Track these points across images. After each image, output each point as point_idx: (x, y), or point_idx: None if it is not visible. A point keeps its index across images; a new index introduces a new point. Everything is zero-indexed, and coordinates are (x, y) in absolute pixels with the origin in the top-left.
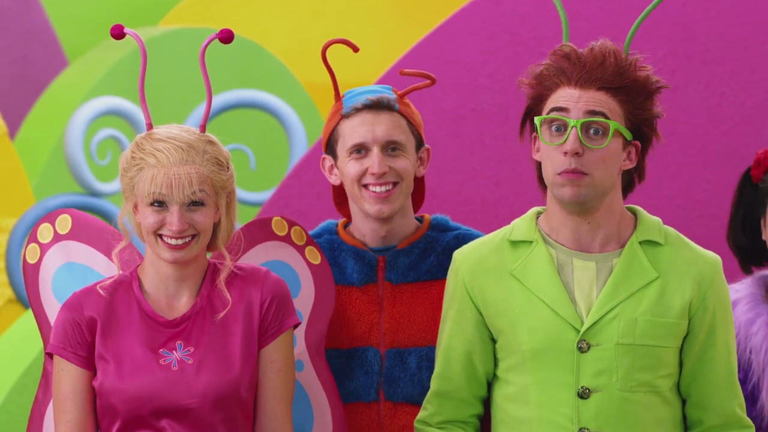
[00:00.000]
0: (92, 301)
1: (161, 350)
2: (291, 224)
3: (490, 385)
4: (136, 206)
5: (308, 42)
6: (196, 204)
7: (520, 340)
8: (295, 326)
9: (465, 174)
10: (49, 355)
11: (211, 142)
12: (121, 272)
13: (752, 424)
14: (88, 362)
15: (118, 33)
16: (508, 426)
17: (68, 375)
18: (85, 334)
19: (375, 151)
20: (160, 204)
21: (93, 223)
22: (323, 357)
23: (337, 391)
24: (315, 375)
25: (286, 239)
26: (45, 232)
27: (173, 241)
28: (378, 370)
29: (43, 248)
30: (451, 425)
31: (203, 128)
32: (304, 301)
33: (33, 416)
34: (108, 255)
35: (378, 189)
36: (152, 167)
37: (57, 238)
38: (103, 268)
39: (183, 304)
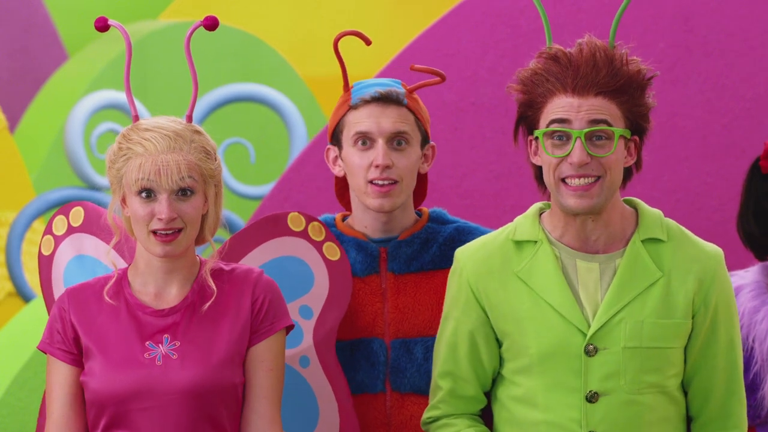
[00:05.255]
0: (81, 298)
1: (147, 342)
2: (309, 219)
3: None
4: (124, 200)
5: (309, 36)
6: (184, 193)
7: (527, 343)
8: (288, 329)
9: (465, 167)
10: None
11: (197, 132)
12: (116, 269)
13: (746, 424)
14: (76, 359)
15: (102, 25)
16: (514, 426)
17: (56, 371)
18: (71, 331)
19: (380, 143)
20: (148, 194)
21: (105, 216)
22: (333, 353)
23: (346, 387)
24: (322, 371)
25: (303, 235)
26: (59, 225)
27: (164, 232)
28: (384, 361)
29: (57, 240)
30: (461, 416)
31: (189, 118)
32: (315, 297)
33: (42, 411)
34: (116, 248)
35: (380, 183)
36: (139, 156)
37: (70, 230)
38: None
39: (172, 296)
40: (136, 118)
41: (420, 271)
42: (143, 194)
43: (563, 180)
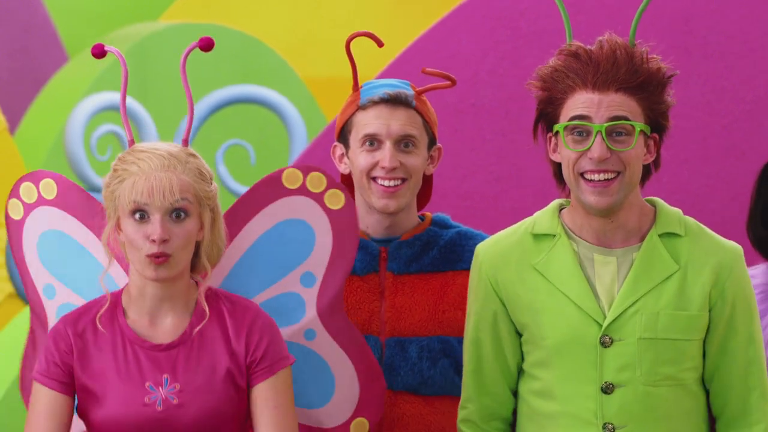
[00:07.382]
0: (77, 330)
1: (147, 384)
2: (307, 171)
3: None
4: (119, 225)
5: (309, 37)
6: (178, 215)
7: (544, 334)
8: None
9: (465, 169)
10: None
11: (192, 155)
12: (108, 293)
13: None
14: (68, 388)
15: (98, 52)
16: (533, 420)
17: (45, 398)
18: (66, 361)
19: (388, 145)
20: (141, 215)
21: (81, 196)
22: (341, 315)
23: (362, 343)
24: (330, 339)
25: (301, 191)
26: (29, 192)
27: (155, 248)
28: (378, 359)
29: (27, 207)
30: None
31: (186, 142)
32: (317, 260)
33: (24, 369)
34: (93, 229)
35: (387, 183)
36: (133, 175)
37: (41, 201)
38: (89, 243)
39: (167, 328)
40: (132, 142)
41: (419, 273)
42: (137, 215)
43: (582, 175)
